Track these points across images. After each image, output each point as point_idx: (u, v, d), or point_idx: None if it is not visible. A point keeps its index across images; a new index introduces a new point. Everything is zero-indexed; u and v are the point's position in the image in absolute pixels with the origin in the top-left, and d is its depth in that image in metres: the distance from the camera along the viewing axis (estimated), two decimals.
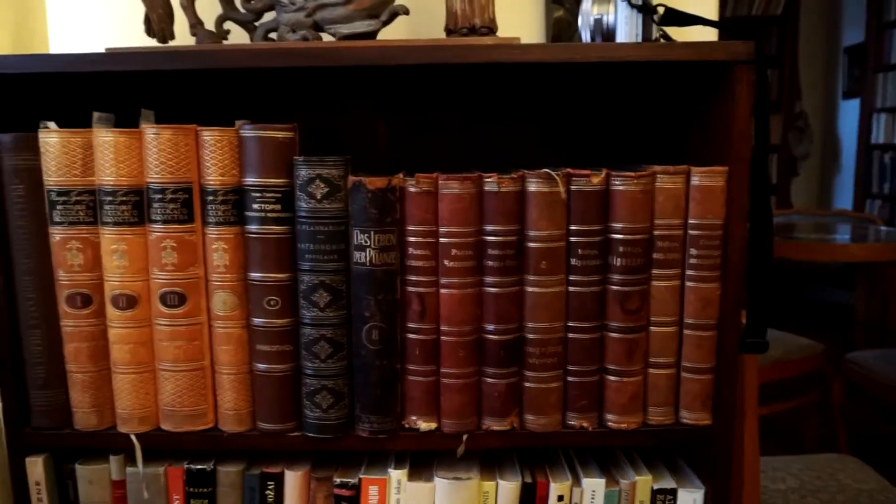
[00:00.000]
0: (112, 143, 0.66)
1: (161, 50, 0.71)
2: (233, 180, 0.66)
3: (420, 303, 0.67)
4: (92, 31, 0.87)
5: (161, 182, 0.66)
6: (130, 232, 0.67)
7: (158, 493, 0.73)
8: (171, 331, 0.68)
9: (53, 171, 0.66)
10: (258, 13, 0.74)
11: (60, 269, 0.68)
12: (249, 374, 0.70)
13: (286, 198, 0.66)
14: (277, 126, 0.66)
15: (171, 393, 0.70)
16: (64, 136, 0.66)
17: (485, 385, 0.69)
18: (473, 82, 0.86)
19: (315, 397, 0.68)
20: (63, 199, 0.67)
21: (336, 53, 0.64)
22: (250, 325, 0.69)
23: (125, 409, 0.70)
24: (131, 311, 0.68)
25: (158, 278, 0.67)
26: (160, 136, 0.65)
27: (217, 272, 0.68)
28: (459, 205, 0.66)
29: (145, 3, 0.73)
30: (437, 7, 0.81)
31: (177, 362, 0.69)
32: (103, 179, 0.66)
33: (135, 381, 0.70)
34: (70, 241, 0.67)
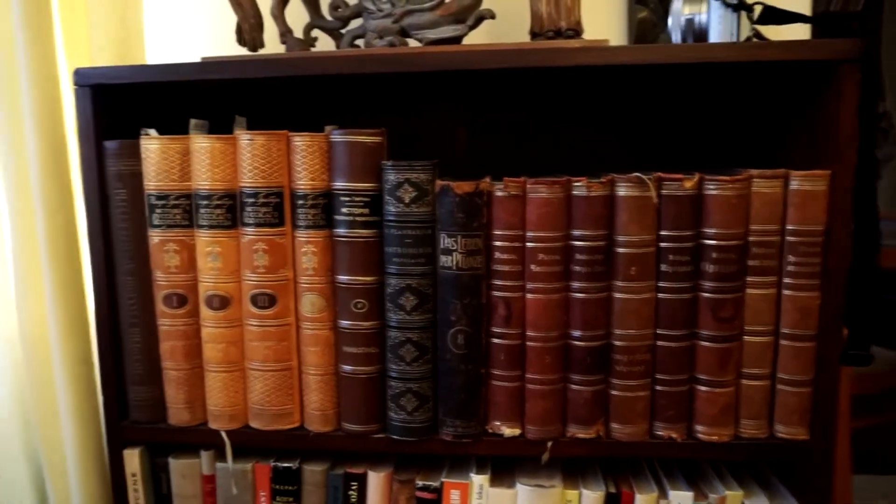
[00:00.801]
0: (208, 148, 0.68)
1: (254, 58, 0.73)
2: (322, 184, 0.67)
3: (506, 307, 0.67)
4: (182, 42, 0.90)
5: (254, 186, 0.68)
6: (224, 235, 0.69)
7: (246, 488, 0.75)
8: (261, 331, 0.70)
9: (153, 175, 0.69)
10: (345, 20, 0.75)
11: (158, 270, 0.71)
12: (335, 375, 0.71)
13: (374, 202, 0.67)
14: (366, 131, 0.67)
15: (260, 392, 0.71)
16: (163, 142, 0.68)
17: (570, 392, 0.68)
18: (553, 86, 0.85)
19: (400, 400, 0.69)
20: (161, 203, 0.69)
21: (429, 58, 0.65)
22: (337, 327, 0.70)
23: (216, 407, 0.72)
24: (224, 312, 0.70)
25: (250, 280, 0.69)
26: (254, 142, 0.67)
27: (306, 275, 0.69)
28: (547, 209, 0.65)
29: (237, 13, 0.75)
30: (518, 11, 0.80)
31: (266, 362, 0.70)
32: (199, 184, 0.68)
33: (226, 379, 0.72)
34: (167, 244, 0.70)
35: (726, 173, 0.65)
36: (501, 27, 0.82)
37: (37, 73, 0.73)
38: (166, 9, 0.90)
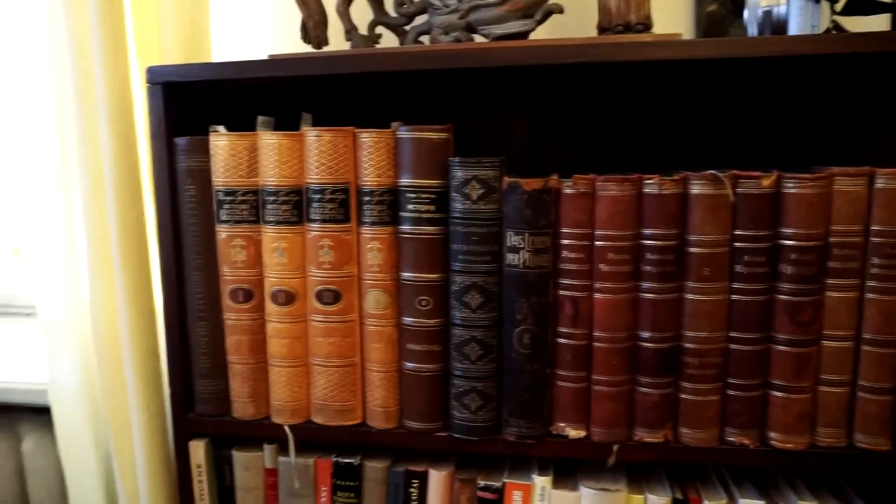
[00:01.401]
0: (275, 145, 0.68)
1: (321, 55, 0.73)
2: (388, 181, 0.67)
3: (573, 307, 0.66)
4: (244, 39, 0.91)
5: (320, 182, 0.68)
6: (290, 231, 0.69)
7: (307, 483, 0.75)
8: (326, 327, 0.70)
9: (221, 172, 0.70)
10: (410, 16, 0.75)
11: (225, 265, 0.71)
12: (398, 372, 0.70)
13: (440, 198, 0.66)
14: (432, 127, 0.66)
15: (323, 387, 0.72)
16: (232, 139, 0.69)
17: (638, 394, 0.67)
18: (617, 82, 0.83)
19: (464, 399, 0.68)
20: (229, 199, 0.70)
21: (500, 54, 0.64)
22: (401, 324, 0.69)
23: (279, 401, 0.73)
24: (289, 307, 0.71)
25: (315, 276, 0.69)
26: (321, 139, 0.67)
27: (370, 271, 0.69)
28: (617, 207, 0.64)
29: (302, 11, 0.75)
30: (581, 5, 0.79)
31: (329, 358, 0.71)
32: (266, 180, 0.69)
33: (289, 374, 0.72)
34: (235, 239, 0.71)
35: (805, 171, 0.62)
36: (563, 22, 0.80)
37: (110, 72, 0.74)
38: (231, 6, 0.91)
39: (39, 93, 0.82)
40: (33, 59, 0.81)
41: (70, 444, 0.87)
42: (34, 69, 0.81)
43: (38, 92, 0.82)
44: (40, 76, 0.81)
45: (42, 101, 0.81)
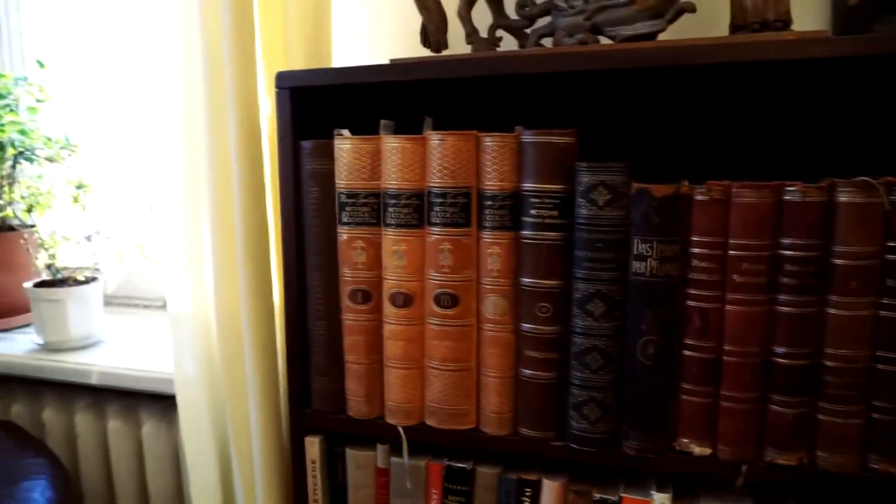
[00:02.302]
0: (398, 148, 0.69)
1: (444, 59, 0.73)
2: (510, 185, 0.67)
3: (702, 318, 0.63)
4: (364, 44, 0.93)
5: (442, 186, 0.68)
6: (410, 233, 0.70)
7: (418, 485, 0.76)
8: (442, 330, 0.70)
9: (344, 174, 0.71)
10: (532, 19, 0.74)
11: (345, 266, 0.73)
12: (514, 379, 0.70)
13: (564, 204, 0.65)
14: (557, 131, 0.65)
15: (438, 391, 0.72)
16: (355, 142, 0.70)
17: (770, 413, 0.63)
18: (734, 84, 0.79)
19: (583, 408, 0.67)
20: (352, 201, 0.71)
21: (634, 56, 0.62)
22: (519, 330, 0.69)
23: (394, 402, 0.74)
24: (406, 310, 0.71)
25: (434, 279, 0.70)
26: (444, 142, 0.67)
27: (490, 276, 0.68)
28: (754, 215, 0.60)
29: (423, 15, 0.76)
30: (705, 3, 0.76)
31: (445, 361, 0.71)
32: (388, 183, 0.70)
33: (405, 376, 0.73)
34: (356, 241, 0.72)
35: None
36: (686, 22, 0.77)
37: (239, 77, 0.77)
38: (351, 12, 0.93)
39: (171, 97, 0.86)
40: (166, 64, 0.85)
41: (191, 431, 0.91)
42: (167, 74, 0.85)
43: (170, 96, 0.86)
44: (172, 81, 0.85)
45: (173, 105, 0.86)
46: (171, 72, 0.84)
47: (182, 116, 0.85)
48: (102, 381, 1.09)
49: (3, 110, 1.21)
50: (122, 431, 1.13)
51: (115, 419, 1.14)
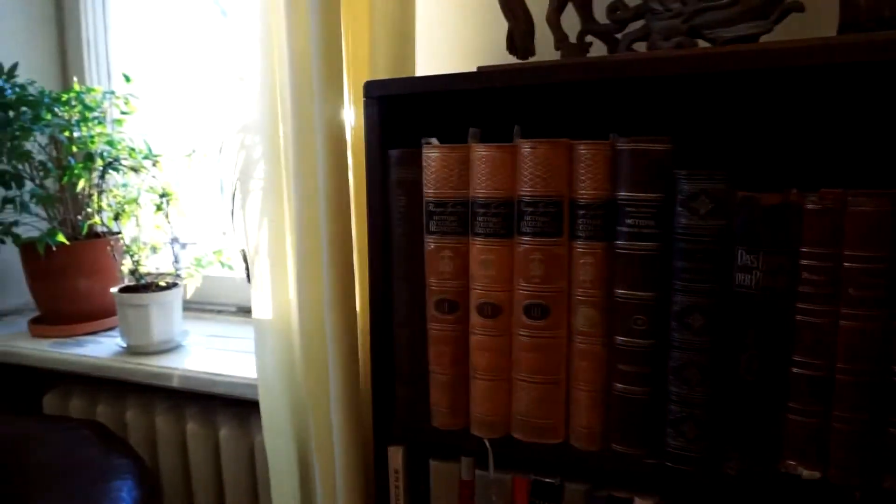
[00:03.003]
0: (487, 157, 0.68)
1: (533, 65, 0.72)
2: (604, 194, 0.65)
3: (813, 334, 0.60)
4: (444, 52, 0.93)
5: (533, 195, 0.67)
6: (499, 243, 0.69)
7: (503, 499, 0.74)
8: (532, 342, 0.69)
9: (432, 183, 0.71)
10: (623, 23, 0.72)
11: (432, 275, 0.72)
12: (606, 393, 0.68)
13: (660, 213, 0.63)
14: (653, 139, 0.63)
15: (526, 403, 0.70)
16: (444, 151, 0.70)
17: (889, 436, 0.59)
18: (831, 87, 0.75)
19: (680, 426, 0.64)
20: (439, 210, 0.71)
21: (751, 57, 0.59)
22: (612, 343, 0.67)
23: (479, 414, 0.72)
24: (494, 320, 0.70)
25: (523, 289, 0.68)
26: (536, 151, 0.66)
27: (582, 287, 0.67)
28: (872, 225, 0.57)
29: (509, 21, 0.75)
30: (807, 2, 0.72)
31: (534, 374, 0.69)
32: (477, 192, 0.69)
33: (491, 387, 0.72)
34: (443, 250, 0.71)
35: None
36: (788, 22, 0.74)
37: (327, 87, 0.78)
38: (435, 19, 0.93)
39: (255, 106, 0.88)
40: (252, 75, 0.87)
41: (273, 437, 0.92)
42: (252, 85, 0.87)
43: (254, 105, 0.88)
44: (257, 91, 0.86)
45: (257, 115, 0.87)
46: (257, 82, 0.86)
47: (267, 127, 0.86)
48: (183, 385, 1.11)
49: (91, 122, 1.26)
50: (200, 434, 1.16)
51: (194, 422, 1.17)
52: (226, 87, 1.33)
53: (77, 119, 1.25)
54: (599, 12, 0.74)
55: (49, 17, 1.46)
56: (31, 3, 1.43)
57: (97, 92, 1.28)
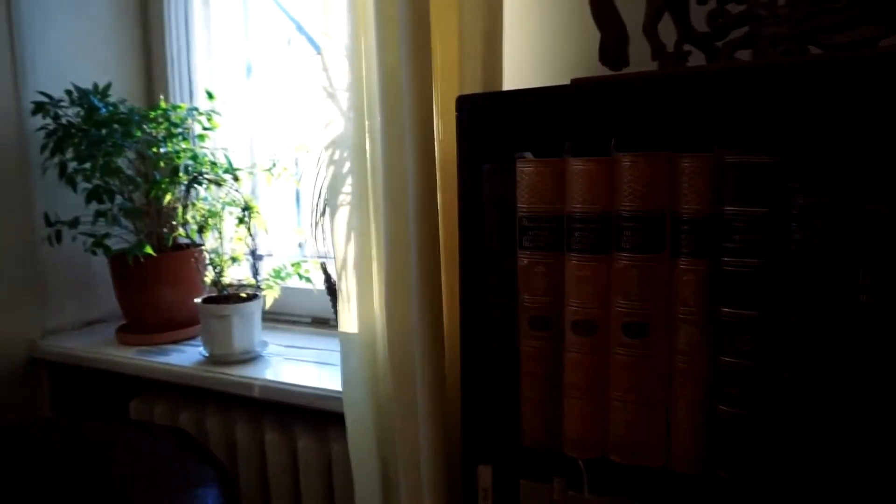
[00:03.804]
0: (584, 171, 0.67)
1: (630, 76, 0.71)
2: (708, 208, 0.62)
3: None
4: (530, 63, 0.92)
5: (632, 210, 0.65)
6: (596, 259, 0.67)
7: None
8: (630, 361, 0.67)
9: (526, 198, 0.70)
10: (724, 30, 0.69)
11: (525, 291, 0.71)
12: (710, 415, 0.65)
13: (770, 228, 0.60)
14: (760, 151, 0.60)
15: (623, 424, 0.68)
16: (538, 165, 0.69)
17: None
18: None
19: (791, 453, 0.61)
20: (533, 225, 0.70)
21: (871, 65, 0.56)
22: (716, 363, 0.64)
23: (573, 434, 0.71)
24: (590, 338, 0.68)
25: (621, 307, 0.66)
26: (636, 164, 0.64)
27: (685, 304, 0.64)
28: None
29: (602, 31, 0.74)
30: None
31: (632, 394, 0.67)
32: (573, 206, 0.68)
33: (586, 406, 0.70)
34: (537, 266, 0.70)
35: None
36: None
37: (417, 101, 0.78)
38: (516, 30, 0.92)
39: (340, 121, 0.89)
40: (338, 89, 0.88)
41: (358, 450, 0.92)
42: (337, 99, 0.88)
43: (339, 120, 0.89)
44: (344, 106, 0.87)
45: (343, 131, 0.88)
46: (346, 98, 0.87)
47: (355, 142, 0.87)
48: (263, 395, 1.13)
49: (176, 138, 1.30)
50: (278, 443, 1.18)
51: (272, 431, 1.19)
52: (308, 102, 1.36)
53: (163, 135, 1.29)
54: (698, 20, 0.72)
55: (136, 40, 1.53)
56: (121, 29, 1.50)
57: (182, 109, 1.32)
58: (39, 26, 1.35)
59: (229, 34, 1.51)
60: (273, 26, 1.45)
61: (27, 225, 1.34)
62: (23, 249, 1.35)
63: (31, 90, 1.32)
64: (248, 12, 1.48)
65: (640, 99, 0.68)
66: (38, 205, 1.34)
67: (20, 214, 1.34)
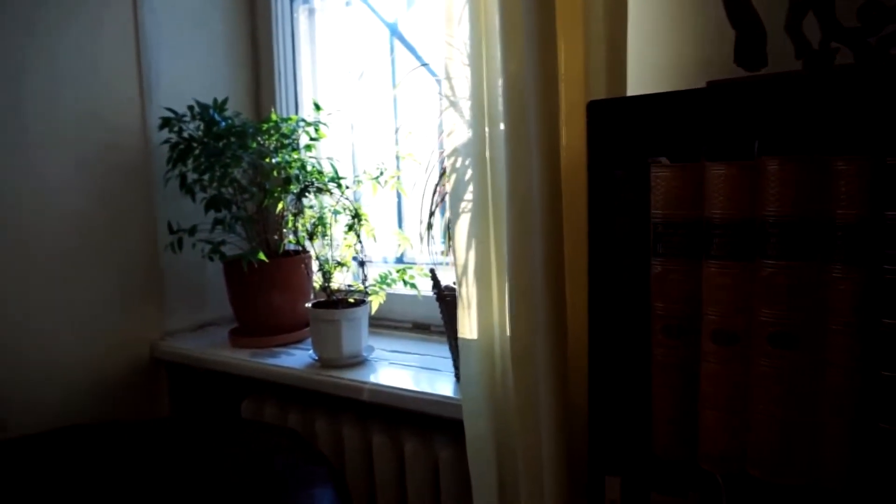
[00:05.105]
0: (726, 175, 0.65)
1: (769, 76, 0.68)
2: (866, 214, 0.59)
3: None
4: (663, 65, 0.90)
5: (779, 215, 0.62)
6: (738, 266, 0.65)
7: None
8: (776, 373, 0.64)
9: (661, 203, 0.68)
10: (877, 26, 0.66)
11: (658, 299, 0.69)
12: (865, 432, 0.61)
13: None
14: None
15: (765, 439, 0.65)
16: (675, 170, 0.67)
17: None
18: None
19: None
20: (668, 232, 0.68)
21: None
22: (874, 376, 0.60)
23: (710, 446, 0.68)
24: (731, 348, 0.66)
25: (767, 316, 0.64)
26: (784, 168, 0.61)
27: (839, 315, 0.61)
28: None
29: (738, 30, 0.71)
30: None
31: (777, 407, 0.64)
32: (713, 212, 0.65)
33: (724, 418, 0.67)
34: (671, 273, 0.68)
35: None
36: None
37: (543, 109, 0.78)
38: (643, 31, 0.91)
39: (460, 128, 0.90)
40: (464, 100, 0.89)
41: (476, 457, 0.93)
42: (465, 108, 0.89)
43: (459, 127, 0.90)
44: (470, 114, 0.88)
45: (469, 138, 0.89)
46: (468, 106, 0.87)
47: (476, 150, 0.88)
48: (373, 399, 1.16)
49: (287, 149, 1.35)
50: (386, 447, 1.20)
51: (380, 435, 1.21)
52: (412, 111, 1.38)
53: (275, 146, 1.34)
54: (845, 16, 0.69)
55: (246, 56, 1.60)
56: (232, 45, 1.57)
57: (293, 121, 1.37)
58: (163, 44, 1.43)
59: (332, 47, 1.56)
60: (374, 37, 1.49)
61: (150, 233, 1.43)
62: (146, 256, 1.43)
63: (154, 106, 1.40)
64: (348, 25, 1.53)
65: (786, 100, 0.65)
66: (159, 214, 1.42)
67: (144, 223, 1.42)
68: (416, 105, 1.42)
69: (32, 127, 1.26)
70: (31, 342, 1.27)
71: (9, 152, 1.23)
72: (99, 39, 1.34)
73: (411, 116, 1.43)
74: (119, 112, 1.38)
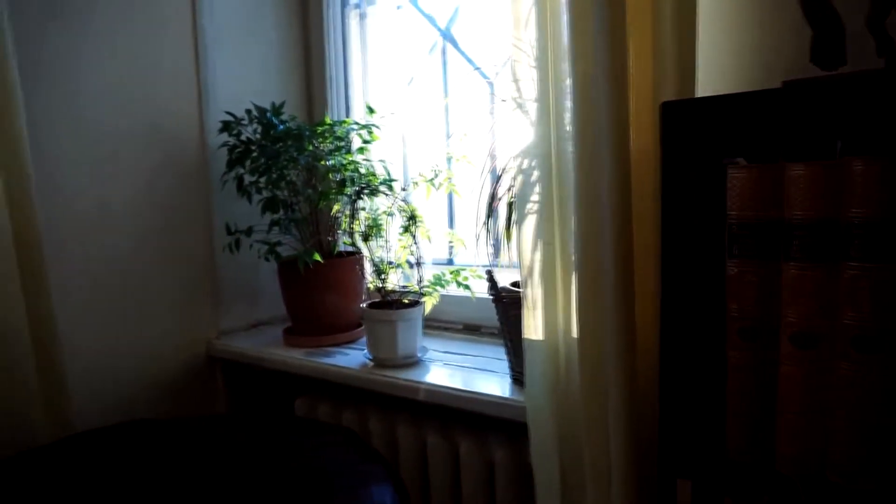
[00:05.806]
0: (806, 176, 0.64)
1: (857, 77, 0.67)
2: None
3: None
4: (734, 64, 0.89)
5: (864, 216, 0.61)
6: (820, 268, 0.64)
7: None
8: (859, 378, 0.63)
9: (738, 204, 0.68)
10: None
11: (734, 300, 0.69)
12: None
13: None
14: None
15: (845, 444, 0.64)
16: (752, 170, 0.67)
17: None
18: None
19: None
20: (744, 233, 0.67)
21: None
22: None
23: (787, 450, 0.67)
24: (810, 351, 0.65)
25: (850, 319, 0.63)
26: (870, 168, 0.60)
27: None
28: None
29: (814, 28, 0.70)
30: None
31: (860, 412, 0.63)
32: (793, 213, 0.65)
33: (802, 422, 0.66)
34: (747, 275, 0.68)
35: None
36: None
37: (613, 111, 0.78)
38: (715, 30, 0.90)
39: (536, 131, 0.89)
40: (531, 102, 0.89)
41: (541, 457, 0.93)
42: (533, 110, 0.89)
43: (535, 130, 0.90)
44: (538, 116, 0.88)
45: (537, 139, 0.89)
46: (535, 108, 0.88)
47: (542, 151, 0.88)
48: (428, 398, 1.16)
49: (341, 151, 1.37)
50: (440, 447, 1.20)
51: (434, 435, 1.21)
52: (465, 114, 1.39)
53: (329, 149, 1.36)
54: None
55: (299, 61, 1.63)
56: (285, 50, 1.60)
57: (347, 124, 1.39)
58: (220, 50, 1.47)
59: (383, 50, 1.57)
60: (425, 41, 1.50)
61: (207, 234, 1.46)
62: (203, 257, 1.46)
63: (211, 110, 1.43)
64: (399, 29, 1.54)
65: (868, 99, 0.64)
66: (216, 216, 1.45)
67: (202, 224, 1.46)
68: (467, 108, 1.43)
69: (96, 136, 1.29)
70: (95, 340, 1.31)
71: (76, 156, 1.27)
72: (160, 46, 1.38)
73: (462, 120, 1.44)
74: (179, 117, 1.41)
